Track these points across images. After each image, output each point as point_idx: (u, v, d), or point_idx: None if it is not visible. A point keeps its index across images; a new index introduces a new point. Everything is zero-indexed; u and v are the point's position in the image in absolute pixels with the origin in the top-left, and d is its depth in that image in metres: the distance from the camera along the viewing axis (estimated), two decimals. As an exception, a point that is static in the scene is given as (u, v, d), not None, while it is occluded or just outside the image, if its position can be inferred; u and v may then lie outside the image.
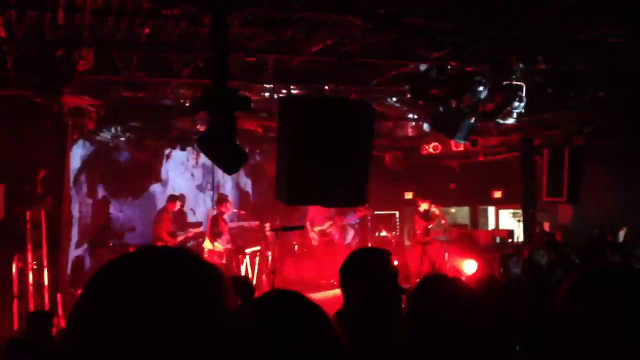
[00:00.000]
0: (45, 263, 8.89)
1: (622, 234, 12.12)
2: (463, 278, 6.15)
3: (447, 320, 1.94)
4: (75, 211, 11.87)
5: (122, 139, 12.02)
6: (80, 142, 11.71)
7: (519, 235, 13.48)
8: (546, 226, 13.82)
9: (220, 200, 12.01)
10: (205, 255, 10.71)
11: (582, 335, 1.34)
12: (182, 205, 12.83)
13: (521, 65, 7.15)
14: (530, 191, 12.32)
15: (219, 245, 11.34)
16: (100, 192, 12.78)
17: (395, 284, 2.70)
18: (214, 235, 11.38)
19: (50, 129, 8.83)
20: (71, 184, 10.65)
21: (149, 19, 6.32)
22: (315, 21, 6.33)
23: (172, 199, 12.04)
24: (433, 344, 1.93)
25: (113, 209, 12.91)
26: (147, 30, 6.60)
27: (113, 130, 11.59)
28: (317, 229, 13.02)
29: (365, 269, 2.69)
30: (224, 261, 11.12)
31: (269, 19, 6.24)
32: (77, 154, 11.79)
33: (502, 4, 5.84)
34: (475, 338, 1.92)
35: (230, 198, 12.98)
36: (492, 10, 5.96)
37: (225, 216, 11.87)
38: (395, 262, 2.93)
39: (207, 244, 11.48)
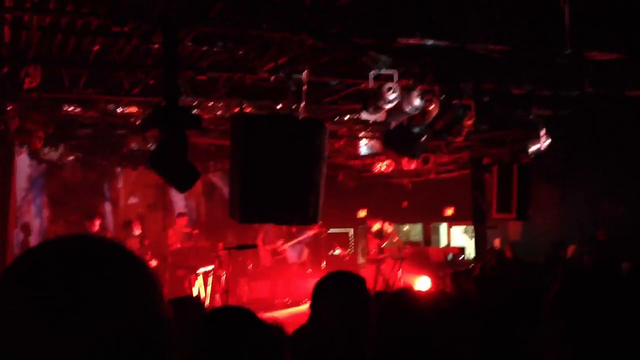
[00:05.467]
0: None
1: (570, 251, 12.45)
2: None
3: (412, 330, 2.01)
4: (22, 233, 11.54)
5: (71, 157, 11.76)
6: (27, 161, 11.43)
7: (471, 252, 13.68)
8: (497, 242, 14.06)
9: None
10: None
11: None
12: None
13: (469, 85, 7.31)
14: (480, 208, 12.52)
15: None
16: (48, 213, 12.47)
17: (368, 307, 2.62)
18: None
19: (-4, 148, 8.60)
20: (18, 204, 10.36)
21: (99, 37, 6.26)
22: (267, 40, 6.36)
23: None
24: (400, 352, 2.00)
25: (63, 230, 12.60)
26: (96, 48, 6.53)
27: (61, 149, 11.32)
28: (268, 247, 12.92)
29: (344, 291, 2.65)
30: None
31: (221, 37, 6.25)
32: (24, 173, 11.50)
33: (447, 27, 5.99)
34: (437, 346, 2.00)
35: (184, 216, 12.78)
36: (439, 31, 6.10)
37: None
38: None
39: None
